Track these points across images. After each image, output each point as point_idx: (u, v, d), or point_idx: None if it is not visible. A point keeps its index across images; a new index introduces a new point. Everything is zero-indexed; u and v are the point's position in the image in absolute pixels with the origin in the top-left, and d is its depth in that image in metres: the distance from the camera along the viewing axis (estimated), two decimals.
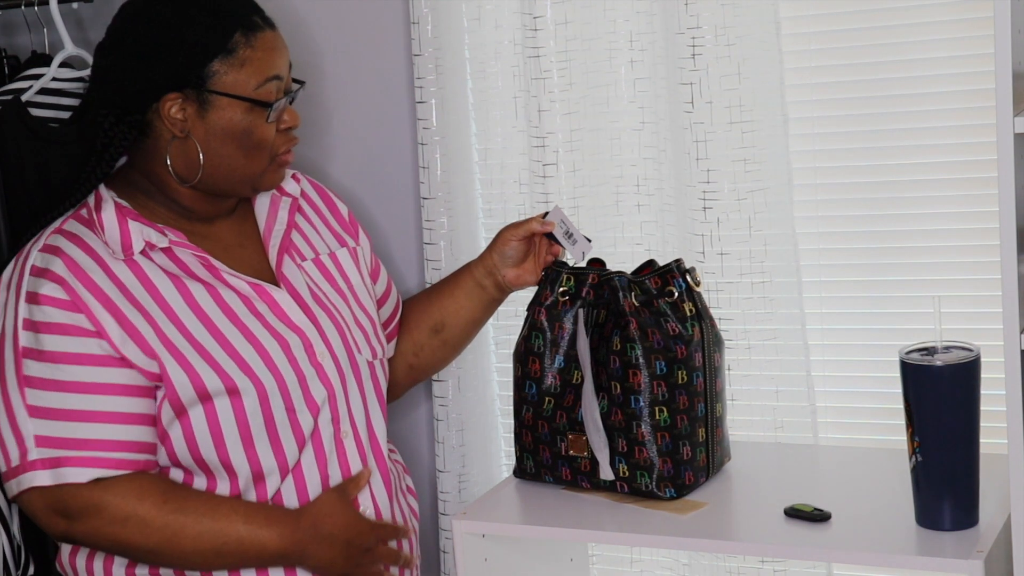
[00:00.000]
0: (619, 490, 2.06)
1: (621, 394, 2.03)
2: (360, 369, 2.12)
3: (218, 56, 2.00)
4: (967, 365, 1.80)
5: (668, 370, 2.02)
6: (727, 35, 2.22)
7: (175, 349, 1.98)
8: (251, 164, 2.05)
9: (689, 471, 2.04)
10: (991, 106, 1.70)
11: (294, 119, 2.08)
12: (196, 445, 1.99)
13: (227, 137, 2.02)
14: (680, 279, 2.06)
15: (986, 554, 1.76)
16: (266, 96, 2.02)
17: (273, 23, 2.07)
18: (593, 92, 2.37)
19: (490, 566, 2.08)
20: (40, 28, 2.62)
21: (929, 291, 2.22)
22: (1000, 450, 1.84)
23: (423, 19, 2.41)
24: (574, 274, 2.12)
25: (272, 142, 2.05)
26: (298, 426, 2.03)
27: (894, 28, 2.26)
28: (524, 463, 2.14)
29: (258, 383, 2.00)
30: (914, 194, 2.30)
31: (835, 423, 2.38)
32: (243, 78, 2.01)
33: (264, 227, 2.13)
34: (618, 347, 2.03)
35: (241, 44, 2.01)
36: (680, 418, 2.03)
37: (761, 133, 2.26)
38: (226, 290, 2.04)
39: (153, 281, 2.01)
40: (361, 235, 2.27)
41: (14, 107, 2.45)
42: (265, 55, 2.02)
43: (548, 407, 2.10)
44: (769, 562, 2.31)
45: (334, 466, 2.06)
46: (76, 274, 1.97)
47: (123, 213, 2.03)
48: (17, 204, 2.46)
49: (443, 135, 2.45)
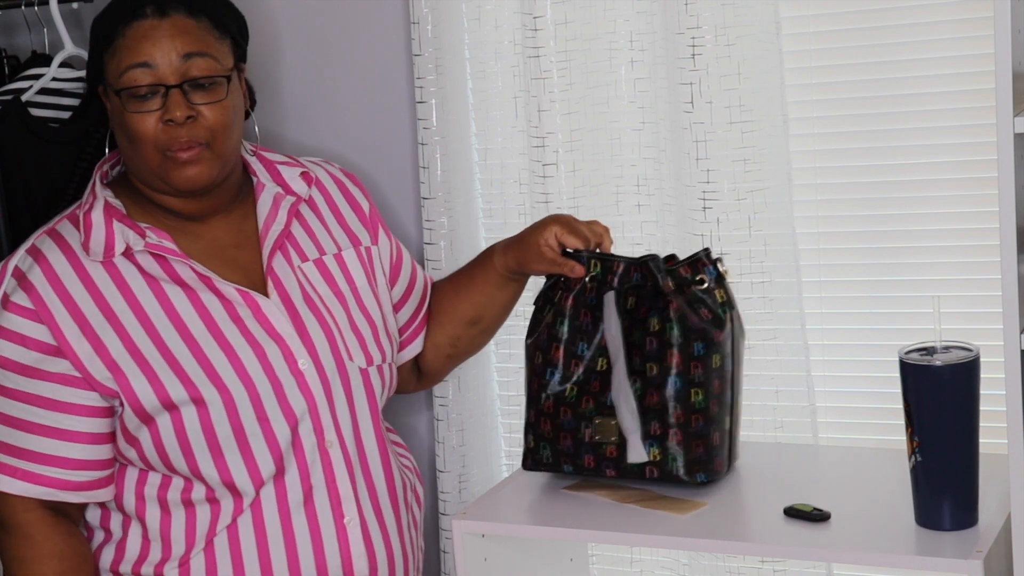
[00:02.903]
0: (648, 475, 2.03)
1: (658, 375, 2.01)
2: (349, 377, 2.08)
3: (106, 48, 2.02)
4: (967, 365, 1.80)
5: (705, 352, 2.01)
6: (727, 35, 2.22)
7: (141, 358, 1.98)
8: (141, 156, 2.01)
9: (719, 458, 2.03)
10: (991, 106, 1.70)
11: (174, 110, 1.98)
12: (165, 452, 2.00)
13: (119, 128, 2.03)
14: (711, 267, 2.06)
15: (986, 554, 1.76)
16: (124, 83, 1.99)
17: (173, 11, 2.01)
18: (593, 92, 2.37)
19: (490, 566, 2.07)
20: (40, 28, 2.62)
21: (929, 291, 2.22)
22: (1000, 450, 1.84)
23: (423, 19, 2.41)
24: (600, 260, 2.09)
25: (152, 135, 1.99)
26: (272, 436, 2.01)
27: (894, 28, 2.26)
28: (539, 453, 2.10)
29: (225, 392, 1.99)
30: (914, 194, 2.30)
31: (835, 423, 2.39)
32: (113, 67, 2.01)
33: (262, 227, 2.11)
34: (656, 327, 2.02)
35: (117, 34, 2.01)
36: (713, 403, 2.02)
37: (761, 133, 2.26)
38: (207, 294, 2.02)
39: (130, 285, 2.01)
40: (381, 234, 2.23)
41: (14, 107, 2.45)
42: (134, 44, 2.00)
43: (572, 393, 2.07)
44: (769, 562, 2.31)
45: (318, 476, 2.04)
46: (51, 282, 1.99)
47: (110, 213, 2.03)
48: (17, 204, 2.46)
49: (443, 135, 2.45)
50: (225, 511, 2.02)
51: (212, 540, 2.02)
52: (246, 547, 2.03)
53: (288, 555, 2.03)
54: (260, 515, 2.02)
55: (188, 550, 2.03)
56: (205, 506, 2.03)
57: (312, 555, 2.04)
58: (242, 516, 2.02)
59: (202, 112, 2.01)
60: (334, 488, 2.06)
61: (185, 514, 2.03)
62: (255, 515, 2.02)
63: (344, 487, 2.06)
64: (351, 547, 2.06)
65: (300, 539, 2.03)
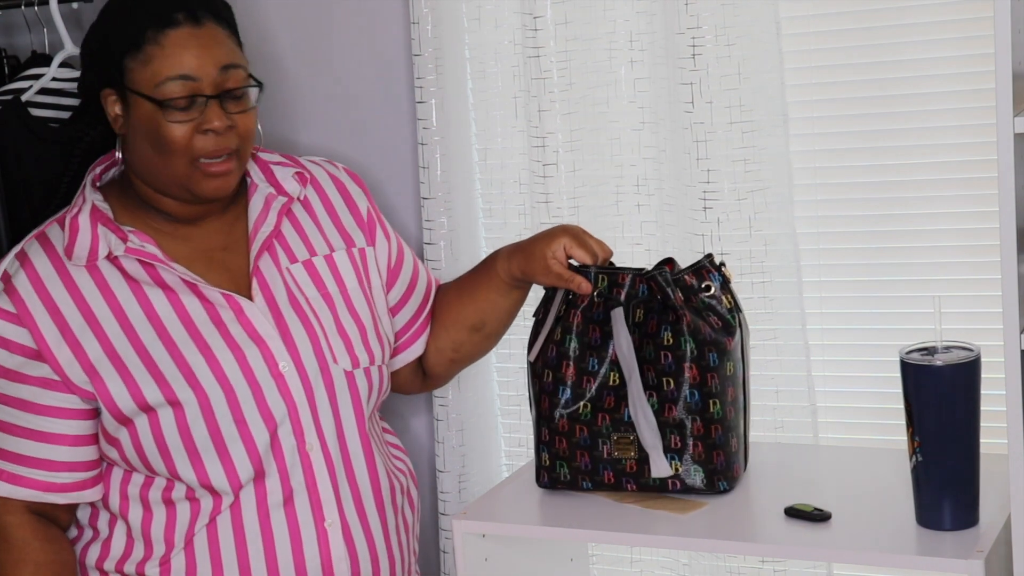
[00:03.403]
0: (671, 488, 2.03)
1: (675, 389, 2.01)
2: (333, 380, 2.07)
3: (129, 52, 1.98)
4: (967, 365, 1.80)
5: (719, 362, 2.01)
6: (727, 35, 2.22)
7: (119, 361, 1.98)
8: (169, 165, 1.99)
9: (737, 463, 2.04)
10: (991, 106, 1.70)
11: (221, 122, 1.98)
12: (144, 453, 2.00)
13: (143, 135, 2.00)
14: (716, 272, 2.06)
15: (986, 554, 1.76)
16: (166, 95, 1.97)
17: (206, 19, 2.00)
18: (593, 92, 2.37)
19: (490, 566, 2.07)
20: (40, 28, 2.62)
21: (929, 291, 2.22)
22: (1000, 450, 1.84)
23: (423, 19, 2.41)
24: (606, 274, 2.07)
25: (185, 144, 1.98)
26: (250, 439, 2.01)
27: (894, 28, 2.26)
28: (556, 471, 2.07)
29: (201, 393, 1.98)
30: (914, 194, 2.30)
31: (835, 423, 2.38)
32: (147, 75, 1.97)
33: (252, 228, 2.10)
34: (670, 342, 2.01)
35: (149, 40, 1.97)
36: (729, 410, 2.02)
37: (761, 133, 2.26)
38: (190, 297, 2.02)
39: (113, 290, 2.00)
40: (379, 236, 2.21)
41: (14, 107, 2.45)
42: (173, 52, 1.97)
43: (585, 411, 2.06)
44: (769, 562, 2.31)
45: (298, 479, 2.03)
46: (35, 286, 1.99)
47: (96, 217, 2.02)
48: (17, 204, 2.46)
49: (443, 135, 2.45)
50: (204, 510, 2.02)
51: (192, 539, 2.02)
52: (225, 547, 2.02)
53: (267, 556, 2.03)
54: (239, 515, 2.02)
55: (169, 549, 2.03)
56: (185, 504, 2.02)
57: (291, 557, 2.03)
58: (221, 516, 2.02)
59: (236, 121, 2.01)
60: (315, 491, 2.05)
61: (166, 512, 2.03)
62: (234, 515, 2.02)
63: (325, 490, 2.05)
64: (332, 550, 2.05)
65: (279, 540, 2.03)
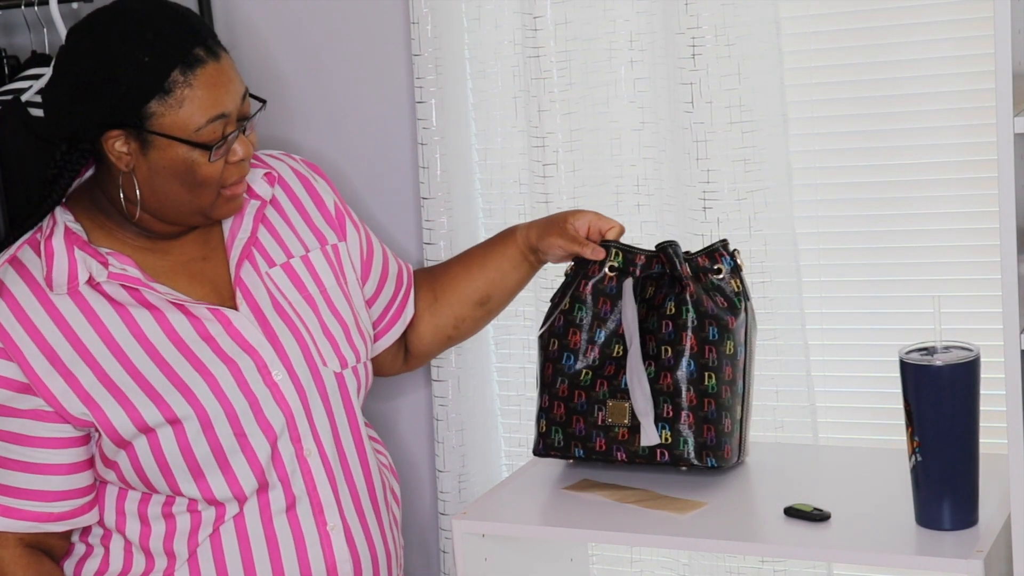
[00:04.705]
0: (659, 458, 2.03)
1: (672, 358, 2.03)
2: (325, 383, 2.06)
3: (155, 96, 1.88)
4: (967, 365, 1.80)
5: (719, 337, 2.03)
6: (727, 35, 2.22)
7: (114, 387, 1.95)
8: (197, 199, 1.96)
9: (728, 444, 2.04)
10: (991, 106, 1.70)
11: (245, 150, 1.96)
12: (144, 474, 1.98)
13: (170, 175, 1.93)
14: (728, 257, 2.08)
15: (986, 554, 1.76)
16: (208, 137, 1.91)
17: (219, 50, 1.94)
18: (593, 92, 2.37)
19: (490, 566, 2.07)
20: (40, 28, 2.62)
21: (929, 291, 2.22)
22: (1000, 450, 1.84)
23: (423, 19, 2.41)
24: (623, 251, 2.11)
25: (218, 177, 1.95)
26: (251, 451, 2.00)
27: (894, 28, 2.26)
28: (551, 437, 2.11)
29: (201, 411, 1.96)
30: (914, 194, 2.30)
31: (835, 423, 2.39)
32: (183, 119, 1.89)
33: (228, 235, 2.07)
34: (672, 311, 2.03)
35: (179, 83, 1.89)
36: (725, 389, 2.03)
37: (761, 133, 2.26)
38: (176, 315, 1.98)
39: (98, 314, 1.96)
40: (349, 229, 2.19)
41: (14, 107, 2.45)
42: (207, 93, 1.90)
43: (586, 378, 2.09)
44: (769, 562, 2.31)
45: (299, 485, 2.03)
46: (18, 317, 1.94)
47: (71, 240, 1.97)
48: (17, 204, 2.46)
49: (443, 135, 2.45)
50: (207, 521, 2.01)
51: (195, 550, 2.01)
52: (230, 557, 2.02)
53: (272, 563, 2.02)
54: (243, 525, 2.02)
55: (172, 562, 2.02)
56: (186, 516, 2.01)
57: (296, 562, 2.03)
58: (224, 526, 2.01)
59: (252, 144, 2.00)
60: (316, 496, 2.05)
61: (165, 526, 2.02)
62: (238, 525, 2.02)
63: (326, 494, 2.05)
64: (335, 553, 2.05)
65: (284, 547, 2.03)
